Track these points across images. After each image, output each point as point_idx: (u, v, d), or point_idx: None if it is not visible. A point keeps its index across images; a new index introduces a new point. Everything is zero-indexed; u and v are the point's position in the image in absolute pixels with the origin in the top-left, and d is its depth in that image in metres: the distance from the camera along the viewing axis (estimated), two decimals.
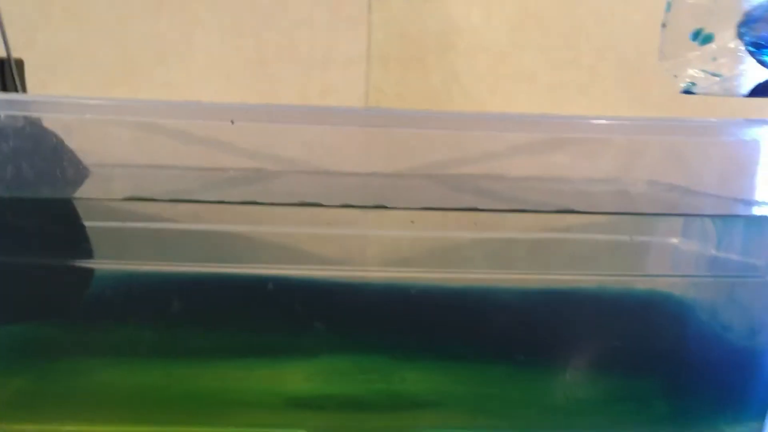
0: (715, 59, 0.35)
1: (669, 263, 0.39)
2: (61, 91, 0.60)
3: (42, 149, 0.32)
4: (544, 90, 0.64)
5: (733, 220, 0.38)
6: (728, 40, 0.35)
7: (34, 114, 0.33)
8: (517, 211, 0.37)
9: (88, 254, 0.35)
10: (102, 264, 0.36)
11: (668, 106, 0.52)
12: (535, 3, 0.65)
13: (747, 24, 0.35)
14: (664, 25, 0.37)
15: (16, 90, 0.40)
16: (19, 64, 0.40)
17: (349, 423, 0.38)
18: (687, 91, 0.37)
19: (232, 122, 0.32)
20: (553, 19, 0.64)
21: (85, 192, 0.35)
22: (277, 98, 0.64)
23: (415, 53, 0.64)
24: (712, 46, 0.35)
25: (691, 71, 0.36)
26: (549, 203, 0.37)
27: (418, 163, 0.36)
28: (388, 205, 0.36)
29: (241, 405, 0.37)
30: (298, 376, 0.38)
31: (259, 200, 0.35)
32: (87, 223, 0.35)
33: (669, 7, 0.37)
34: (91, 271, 0.36)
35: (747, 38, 0.34)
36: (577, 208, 0.37)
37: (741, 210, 0.37)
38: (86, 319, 0.36)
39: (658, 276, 0.38)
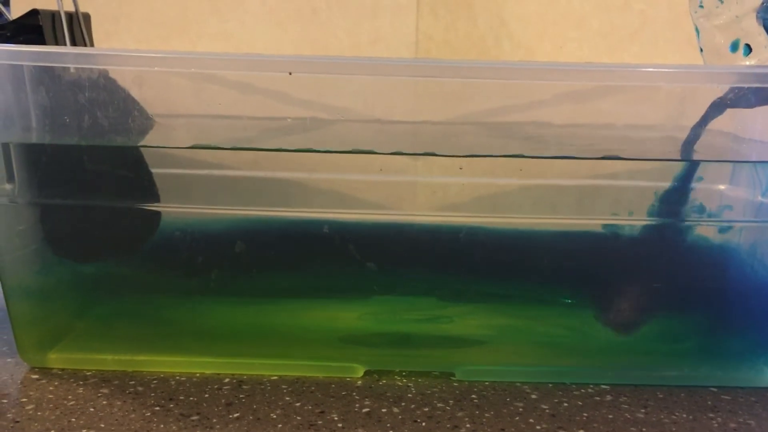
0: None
1: (716, 209, 0.39)
2: (124, 43, 0.61)
3: (113, 100, 0.34)
4: (594, 35, 0.63)
5: None
6: (756, 33, 0.36)
7: (103, 67, 0.35)
8: (563, 157, 0.37)
9: (155, 199, 0.37)
10: (168, 208, 0.38)
11: None
12: None
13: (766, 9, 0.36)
14: (701, 50, 0.39)
15: (84, 43, 0.41)
16: (87, 18, 0.42)
17: (398, 359, 0.40)
18: None
19: (290, 73, 0.33)
20: None
21: (151, 141, 0.37)
22: (329, 47, 0.64)
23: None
24: (755, 55, 0.36)
25: None
26: (595, 150, 0.38)
27: (466, 111, 0.37)
28: (438, 153, 0.37)
29: (299, 341, 0.40)
30: (351, 315, 0.40)
31: (315, 148, 0.36)
32: (154, 170, 0.37)
33: (698, 32, 0.38)
34: (158, 214, 0.38)
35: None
36: (622, 155, 0.38)
37: None
38: (154, 259, 0.39)
39: (702, 221, 0.38)
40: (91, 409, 0.34)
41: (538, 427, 0.34)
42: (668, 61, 0.62)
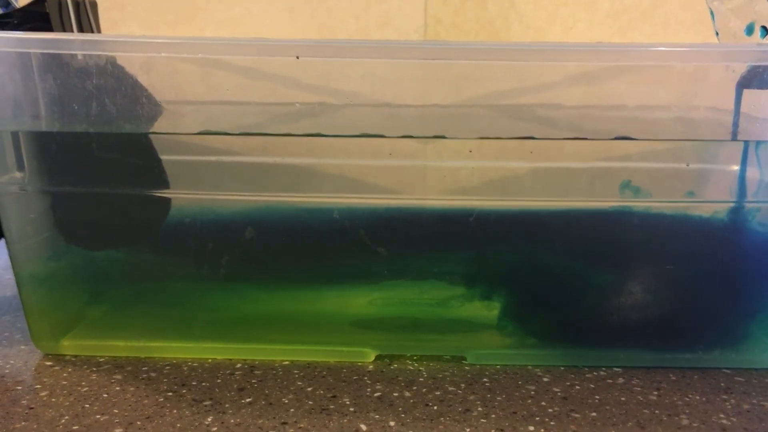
0: None
1: (728, 189, 0.38)
2: (131, 31, 0.61)
3: (121, 87, 0.34)
4: (605, 17, 0.63)
5: None
6: None
7: (110, 53, 0.35)
8: (574, 138, 0.37)
9: (165, 186, 0.37)
10: (177, 195, 0.38)
11: None
12: None
13: None
14: (717, 33, 0.39)
15: (91, 30, 0.41)
16: (93, 5, 0.42)
17: (409, 343, 0.40)
18: None
19: (297, 57, 0.33)
20: None
21: (160, 127, 0.37)
22: (337, 30, 0.64)
23: None
24: None
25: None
26: (607, 131, 0.37)
27: (475, 94, 0.37)
28: (447, 136, 0.37)
29: (310, 326, 0.40)
30: (362, 300, 0.39)
31: (323, 133, 0.36)
32: (163, 157, 0.37)
33: (713, 15, 0.38)
34: (168, 201, 0.38)
35: None
36: (634, 136, 0.37)
37: None
38: (165, 246, 0.39)
39: (715, 202, 0.38)
40: (105, 395, 0.35)
41: (550, 410, 0.34)
42: (680, 41, 0.61)
